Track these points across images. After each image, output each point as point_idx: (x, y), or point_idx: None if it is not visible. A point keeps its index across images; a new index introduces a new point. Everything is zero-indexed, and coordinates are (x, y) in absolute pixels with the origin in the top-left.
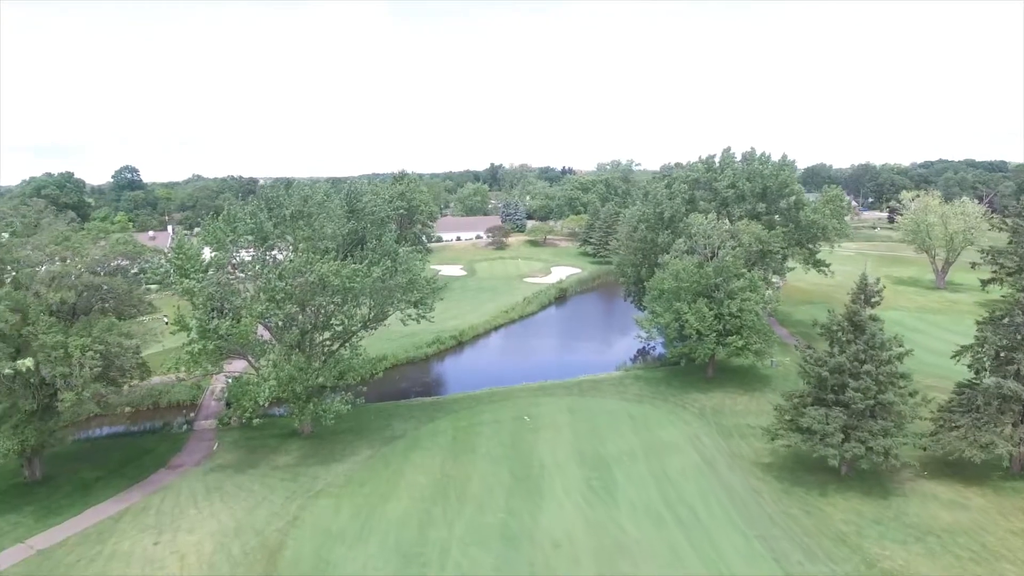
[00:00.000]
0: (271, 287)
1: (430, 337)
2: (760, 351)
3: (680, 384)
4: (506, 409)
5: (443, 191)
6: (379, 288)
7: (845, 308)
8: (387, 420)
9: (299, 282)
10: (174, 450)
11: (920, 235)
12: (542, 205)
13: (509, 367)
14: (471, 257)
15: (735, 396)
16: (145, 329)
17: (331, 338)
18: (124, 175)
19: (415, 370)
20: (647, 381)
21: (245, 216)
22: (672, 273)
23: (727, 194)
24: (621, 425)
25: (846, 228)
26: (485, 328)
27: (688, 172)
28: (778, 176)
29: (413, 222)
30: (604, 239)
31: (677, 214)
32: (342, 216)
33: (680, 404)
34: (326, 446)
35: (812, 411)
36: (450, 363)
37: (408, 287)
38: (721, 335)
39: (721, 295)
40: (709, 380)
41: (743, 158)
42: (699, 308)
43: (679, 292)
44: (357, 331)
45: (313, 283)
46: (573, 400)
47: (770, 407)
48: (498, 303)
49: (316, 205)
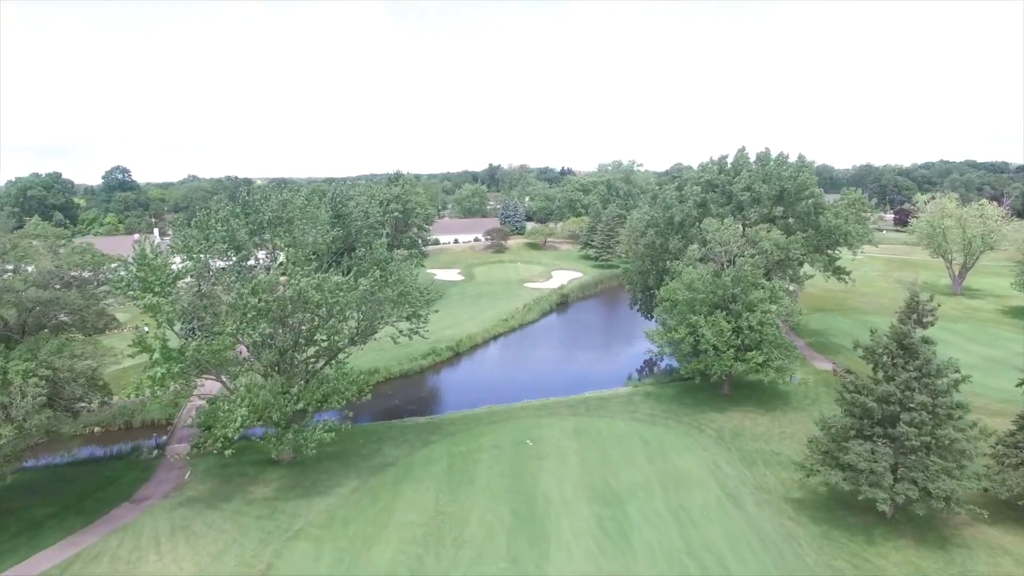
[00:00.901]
0: (242, 304)
1: (425, 348)
2: (781, 367)
3: (694, 402)
4: (507, 431)
5: (441, 192)
6: (367, 301)
7: (891, 328)
8: (377, 444)
9: (274, 298)
10: (141, 480)
11: (936, 239)
12: (542, 207)
13: (509, 381)
14: (469, 261)
15: (754, 416)
16: (103, 350)
17: (315, 355)
18: (115, 175)
19: (409, 384)
20: (658, 398)
21: (216, 223)
22: (686, 283)
23: (743, 197)
24: (633, 451)
25: (868, 233)
26: (484, 338)
27: (700, 174)
28: (796, 178)
29: (409, 225)
30: (606, 242)
31: (688, 218)
32: (327, 222)
33: (696, 425)
34: (308, 475)
35: (856, 445)
36: (446, 376)
37: (399, 300)
38: (739, 350)
39: (739, 307)
40: (725, 397)
41: (758, 159)
42: (716, 321)
43: (693, 303)
44: (344, 348)
45: (291, 299)
46: (579, 421)
47: (793, 428)
48: (497, 310)
49: (297, 210)
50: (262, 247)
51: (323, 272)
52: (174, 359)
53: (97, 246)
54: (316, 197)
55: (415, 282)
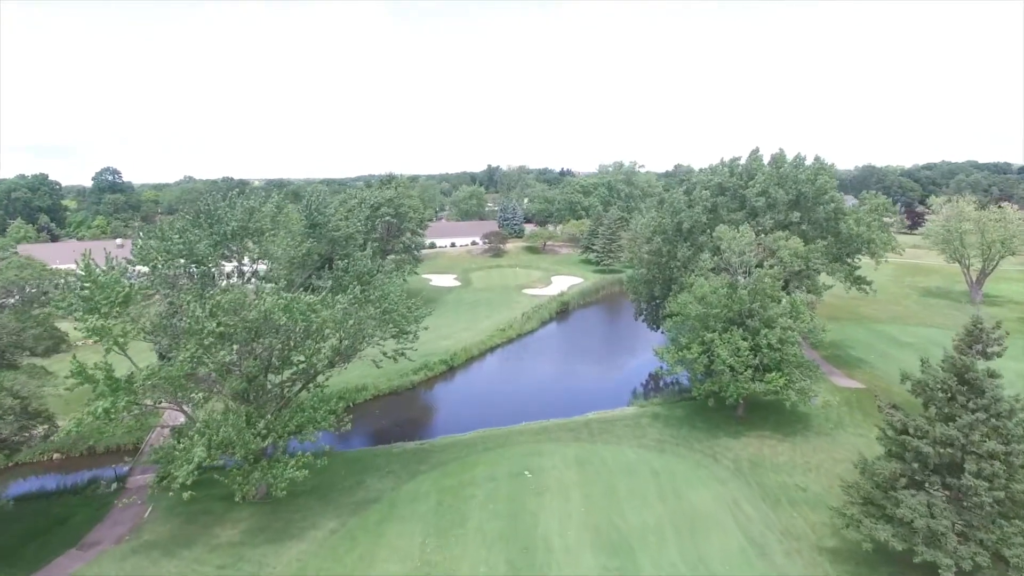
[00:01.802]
0: (198, 328)
1: (417, 362)
2: (804, 390)
3: (706, 426)
4: (503, 460)
5: (439, 193)
6: (346, 320)
7: (950, 360)
8: (360, 475)
9: (237, 319)
10: (94, 519)
11: (952, 243)
12: (541, 209)
13: (506, 400)
14: (466, 265)
15: (773, 443)
16: (38, 380)
17: (291, 378)
18: (105, 177)
19: (399, 403)
20: (667, 421)
21: (173, 234)
22: (698, 296)
23: (757, 203)
24: (643, 485)
25: (891, 240)
26: (480, 349)
27: (710, 176)
28: (814, 181)
29: (402, 230)
30: (608, 246)
31: (698, 224)
32: (301, 232)
33: (710, 454)
34: (281, 515)
35: (907, 497)
36: (439, 393)
37: (383, 318)
38: (757, 370)
39: (756, 323)
40: (740, 420)
41: (772, 161)
42: (732, 339)
43: (707, 319)
44: (323, 370)
45: (257, 321)
46: (582, 448)
47: (818, 458)
48: (494, 319)
49: (266, 219)
50: (231, 259)
51: (297, 288)
52: (122, 390)
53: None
54: (289, 204)
55: (401, 298)
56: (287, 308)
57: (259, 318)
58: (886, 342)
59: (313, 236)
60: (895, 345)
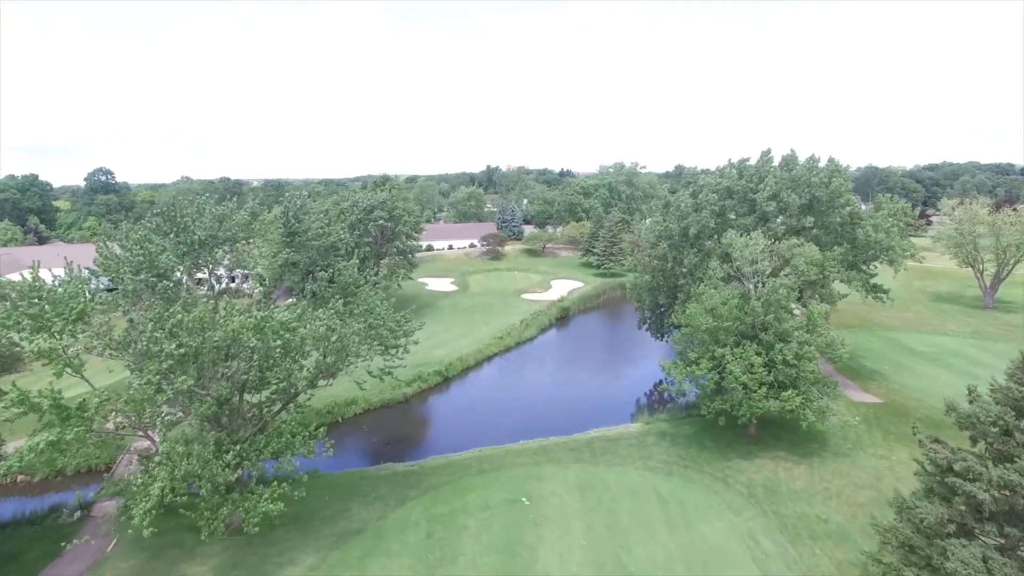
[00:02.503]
0: (155, 350)
1: (410, 373)
2: (822, 410)
3: (716, 445)
4: (498, 485)
5: (438, 194)
6: (327, 337)
7: (1004, 391)
8: (345, 502)
9: (201, 340)
10: (53, 553)
11: (965, 247)
12: (540, 210)
13: (503, 415)
14: (464, 268)
15: (789, 465)
16: None
17: (269, 399)
18: (98, 177)
19: (390, 417)
20: (674, 440)
21: (132, 245)
22: (708, 308)
23: (768, 207)
24: (650, 514)
25: (911, 248)
26: (476, 359)
27: (718, 179)
28: (828, 184)
29: (396, 234)
30: (609, 249)
31: (705, 230)
32: (279, 242)
33: (721, 478)
34: (256, 549)
35: (958, 548)
36: (433, 407)
37: (368, 334)
38: (772, 388)
39: (770, 336)
40: (751, 439)
41: (783, 163)
42: (745, 355)
43: (717, 332)
44: (303, 389)
45: (224, 342)
46: (584, 470)
47: (838, 484)
48: (492, 326)
49: (239, 228)
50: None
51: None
52: (73, 418)
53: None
54: (266, 212)
55: (388, 312)
56: (258, 328)
57: (226, 338)
58: (900, 351)
59: (292, 246)
60: (909, 354)
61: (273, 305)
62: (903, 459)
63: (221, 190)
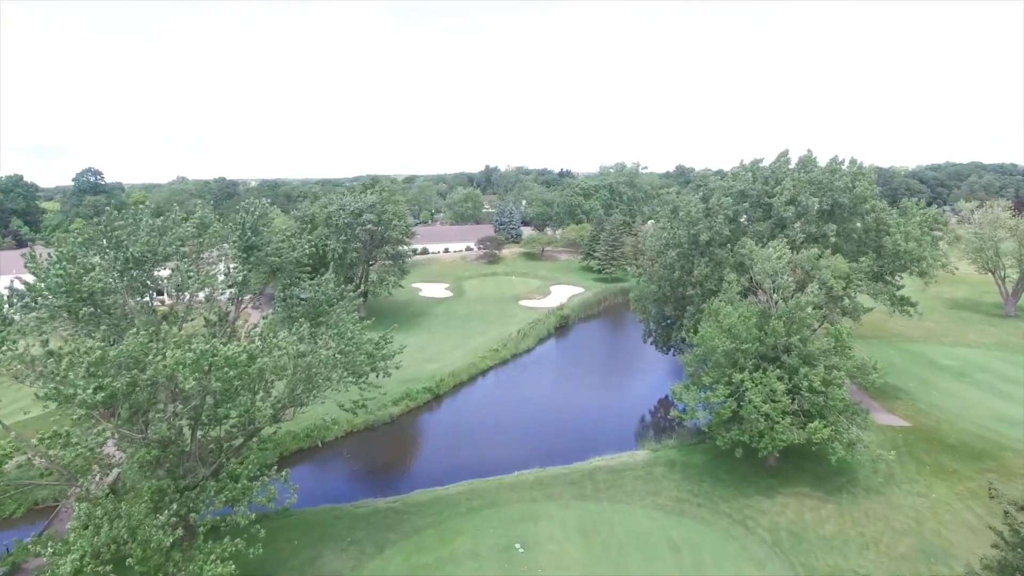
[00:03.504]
0: (69, 393)
1: (398, 390)
2: (853, 442)
3: (732, 478)
4: (489, 527)
5: (435, 195)
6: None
7: None
8: (316, 548)
9: (127, 379)
10: None
11: (985, 252)
12: (539, 212)
13: (496, 439)
14: (459, 273)
15: (815, 504)
16: None
17: (227, 434)
18: (86, 178)
19: (374, 441)
20: (685, 471)
21: (49, 266)
22: (725, 327)
23: (786, 213)
24: (662, 565)
25: (942, 257)
26: (470, 373)
27: (731, 182)
28: (852, 189)
29: (385, 239)
30: (610, 253)
31: (717, 237)
32: (235, 257)
33: (739, 519)
34: None
35: None
36: (421, 429)
37: (339, 361)
38: (796, 416)
39: (794, 360)
40: (771, 471)
41: (800, 164)
42: (767, 381)
43: (735, 355)
44: (265, 424)
45: (156, 381)
46: (586, 509)
47: (873, 529)
48: (488, 336)
49: (178, 243)
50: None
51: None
52: None
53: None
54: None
55: (360, 333)
56: (197, 364)
57: (159, 377)
58: (922, 365)
59: (250, 262)
60: (933, 369)
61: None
62: (943, 497)
63: (216, 190)
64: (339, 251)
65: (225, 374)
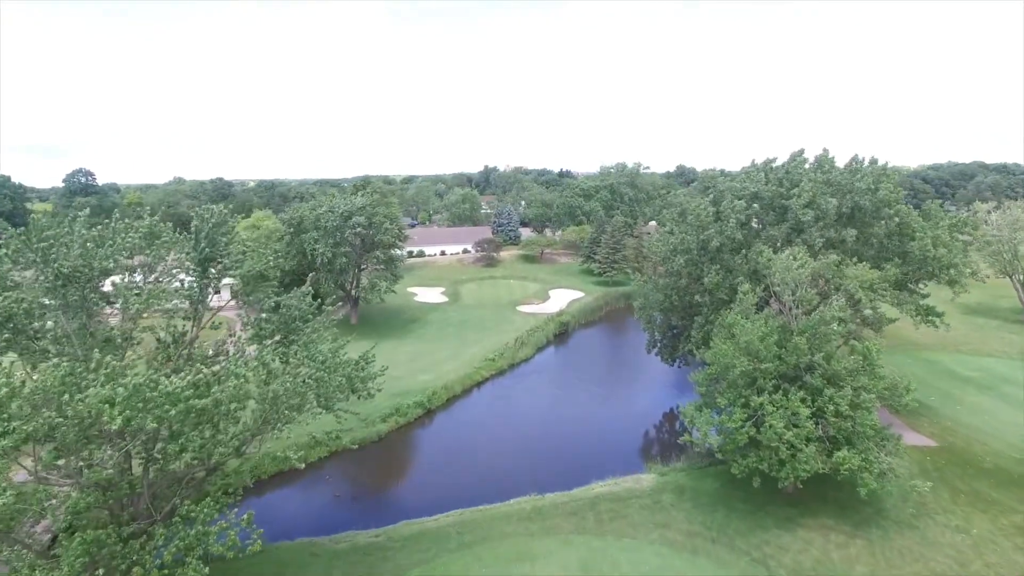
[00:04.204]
0: None
1: (388, 405)
2: (885, 473)
3: (748, 507)
4: (481, 567)
5: (433, 195)
6: (244, 398)
7: None
8: None
9: (35, 425)
10: None
11: (1004, 255)
12: (539, 213)
13: (490, 460)
14: (456, 276)
15: (842, 539)
16: None
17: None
18: (77, 178)
19: (360, 461)
20: (696, 499)
21: None
22: (742, 345)
23: (805, 217)
24: None
25: (971, 264)
26: (464, 385)
27: (743, 183)
28: (875, 191)
29: (376, 243)
30: (611, 256)
31: (728, 243)
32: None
33: (759, 557)
34: None
35: None
36: (410, 448)
37: (308, 388)
38: (821, 444)
39: (817, 380)
40: (791, 499)
41: (816, 164)
42: (791, 405)
43: (753, 375)
44: (226, 460)
45: (80, 418)
46: (588, 545)
47: (910, 571)
48: (484, 344)
49: (111, 261)
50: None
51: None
52: None
53: None
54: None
55: (334, 360)
56: (128, 403)
57: (77, 414)
58: (942, 376)
59: (207, 276)
60: (955, 380)
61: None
62: (986, 533)
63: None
64: (328, 256)
65: (165, 412)
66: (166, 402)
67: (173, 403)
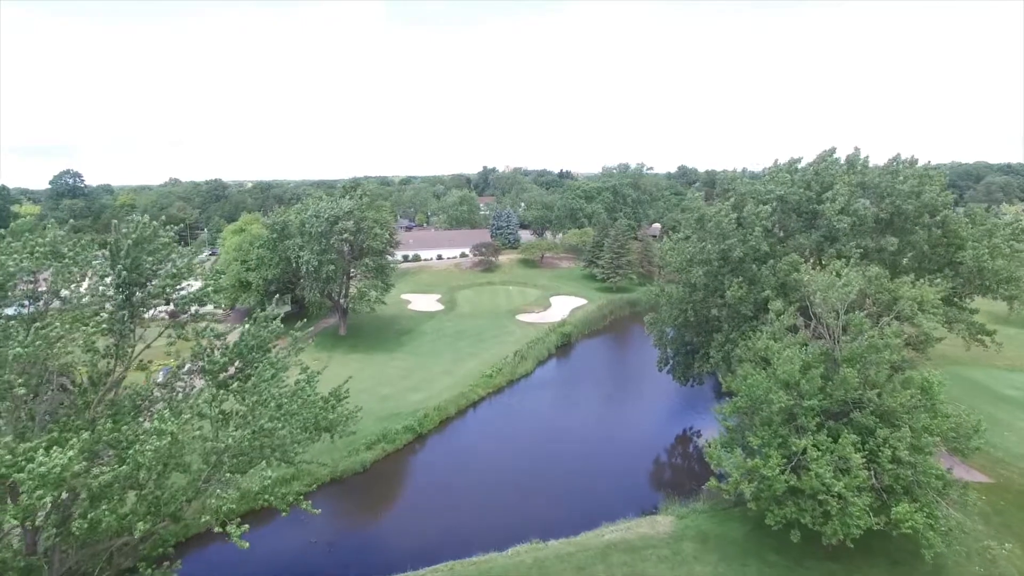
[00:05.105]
0: None
1: (375, 430)
2: (952, 530)
3: (784, 562)
4: None
5: (432, 197)
6: (173, 457)
7: None
8: None
9: None
10: None
11: None
12: (539, 216)
13: (486, 498)
14: (452, 282)
15: None
16: None
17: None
18: (64, 180)
19: (340, 497)
20: (722, 549)
21: None
22: (780, 377)
23: (840, 224)
24: None
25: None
26: (458, 406)
27: (769, 186)
28: (919, 195)
29: (365, 250)
30: (615, 261)
31: (752, 253)
32: (104, 297)
33: None
34: None
35: None
36: (397, 480)
37: (260, 441)
38: (875, 494)
39: (868, 418)
40: (833, 553)
41: (847, 164)
42: (839, 450)
43: (792, 412)
44: (160, 526)
45: None
46: None
47: None
48: (481, 358)
49: (19, 271)
50: None
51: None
52: None
53: None
54: (90, 244)
55: (292, 404)
56: (16, 466)
57: None
58: (979, 394)
59: (131, 303)
60: (993, 400)
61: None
62: None
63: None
64: (314, 264)
65: (51, 485)
66: (56, 479)
67: (55, 484)
